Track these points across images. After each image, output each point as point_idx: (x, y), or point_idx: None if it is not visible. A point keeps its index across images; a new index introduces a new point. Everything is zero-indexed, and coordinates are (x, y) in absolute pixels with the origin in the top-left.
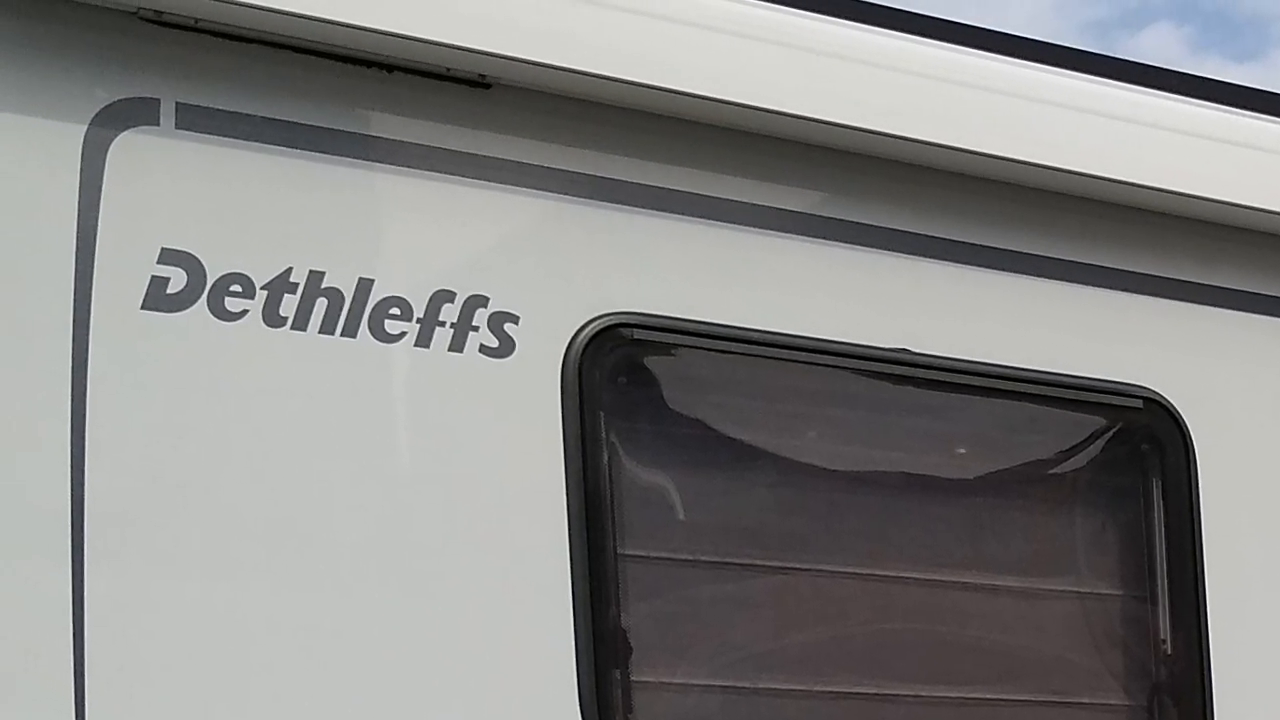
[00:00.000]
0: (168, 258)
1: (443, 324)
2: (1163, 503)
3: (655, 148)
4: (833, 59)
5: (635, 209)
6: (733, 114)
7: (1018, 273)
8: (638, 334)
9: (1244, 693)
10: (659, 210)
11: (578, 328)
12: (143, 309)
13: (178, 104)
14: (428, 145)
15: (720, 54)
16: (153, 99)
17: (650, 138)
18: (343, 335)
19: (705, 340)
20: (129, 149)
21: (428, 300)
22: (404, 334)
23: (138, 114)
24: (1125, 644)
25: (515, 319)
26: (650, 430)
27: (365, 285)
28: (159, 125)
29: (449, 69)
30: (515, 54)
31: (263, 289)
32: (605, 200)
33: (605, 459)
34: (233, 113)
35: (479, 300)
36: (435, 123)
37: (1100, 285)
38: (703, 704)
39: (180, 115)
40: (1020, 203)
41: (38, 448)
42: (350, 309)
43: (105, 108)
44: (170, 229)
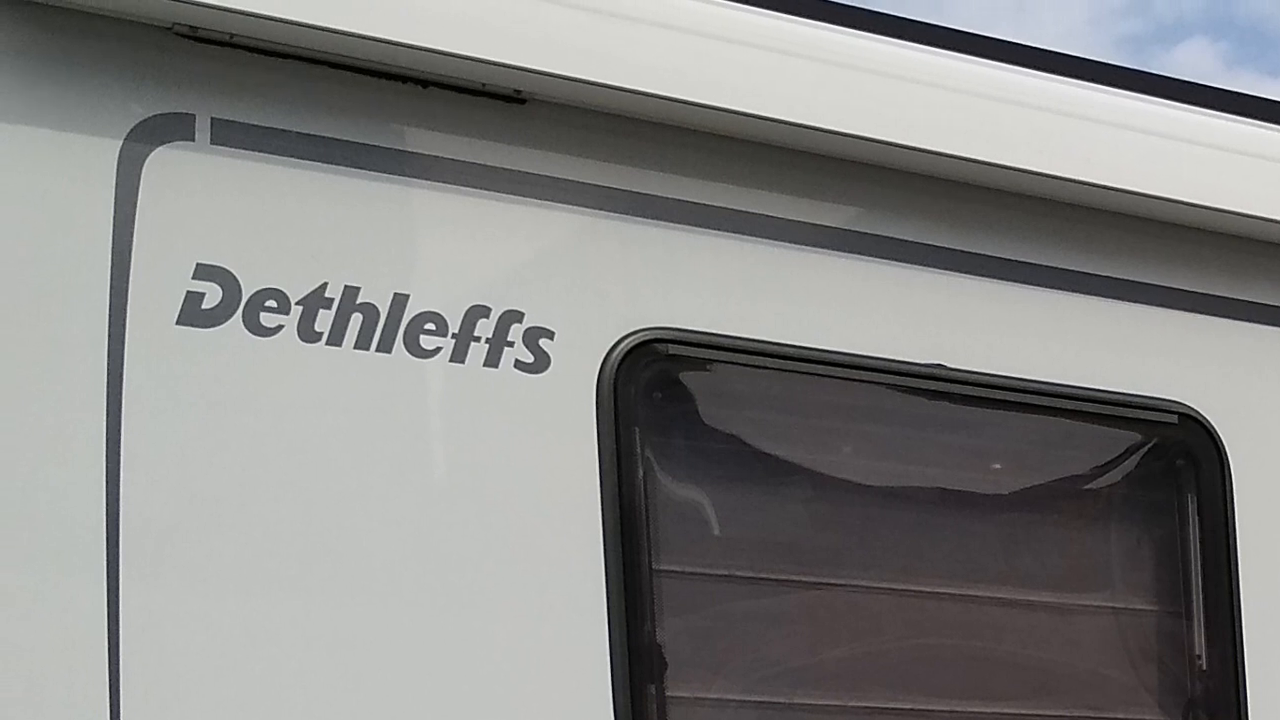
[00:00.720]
0: (203, 273)
1: (478, 339)
2: (1198, 518)
3: (690, 163)
4: (868, 74)
5: (670, 224)
6: (768, 129)
7: (1053, 288)
8: (673, 349)
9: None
10: (694, 225)
11: (613, 343)
12: (178, 324)
13: (213, 119)
14: (463, 160)
15: (756, 69)
16: (188, 114)
17: (685, 153)
18: (378, 351)
19: (740, 355)
20: (164, 164)
21: (463, 316)
22: (439, 349)
23: (173, 129)
24: (1160, 659)
25: (550, 334)
26: (685, 445)
27: (400, 301)
28: (194, 140)
29: (484, 84)
30: (550, 69)
31: (298, 304)
32: (640, 215)
33: (640, 474)
34: (268, 128)
35: (514, 315)
36: (470, 138)
37: (1136, 300)
38: (738, 719)
39: (215, 130)
40: (1055, 218)
41: (73, 462)
42: (385, 324)
43: (140, 123)
44: (205, 244)
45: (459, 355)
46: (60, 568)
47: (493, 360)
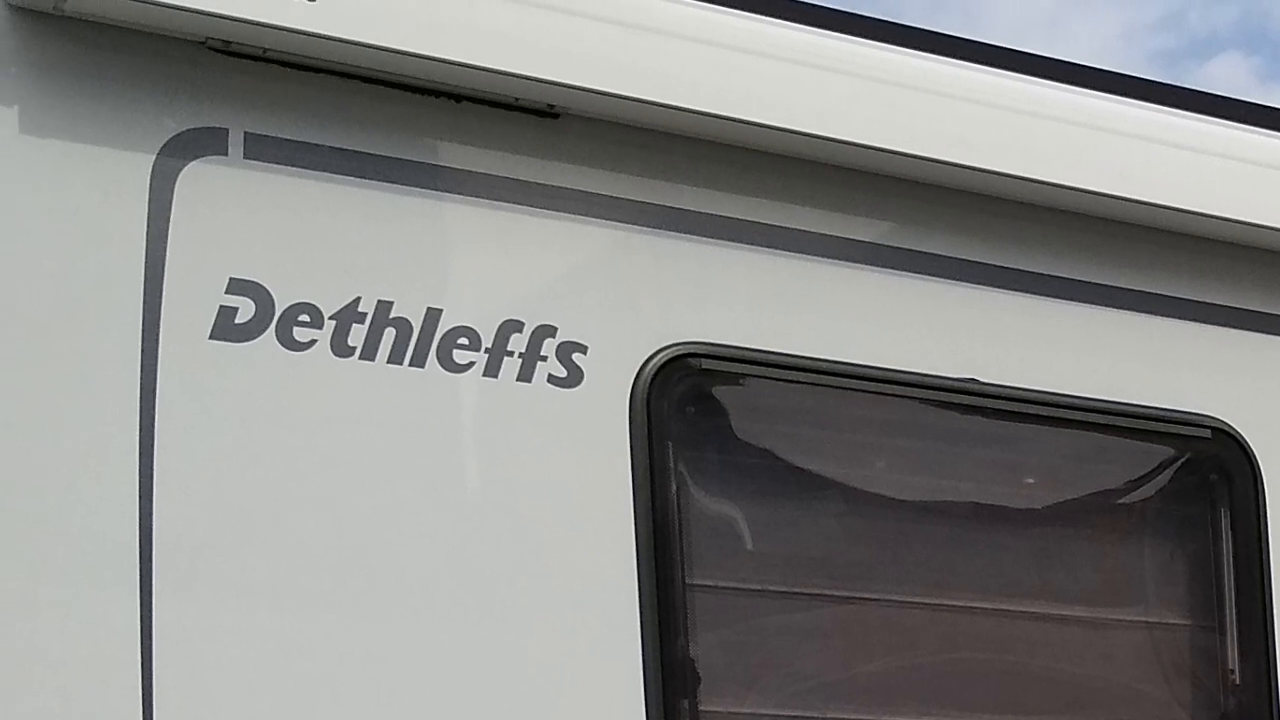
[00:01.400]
0: (236, 287)
1: (511, 354)
2: (1231, 532)
3: (723, 177)
4: (901, 89)
5: (703, 239)
6: (802, 144)
7: (1086, 303)
8: (706, 364)
9: None
10: (727, 240)
11: (646, 357)
12: (211, 339)
13: (246, 134)
14: (496, 175)
15: (789, 84)
16: (221, 129)
17: (718, 167)
18: (411, 365)
19: (773, 370)
20: (197, 179)
21: (496, 330)
22: (472, 364)
23: (206, 144)
24: (1193, 674)
25: (583, 349)
26: (718, 460)
27: (434, 315)
28: (227, 155)
29: (517, 99)
30: (583, 84)
31: (331, 319)
32: (673, 230)
33: (673, 489)
34: (301, 142)
35: (547, 330)
36: (503, 153)
37: (1169, 315)
38: None
39: (248, 145)
40: (1088, 232)
41: (107, 477)
42: (418, 339)
43: (174, 137)
44: (238, 259)
45: (492, 370)
46: (93, 582)
47: (526, 375)
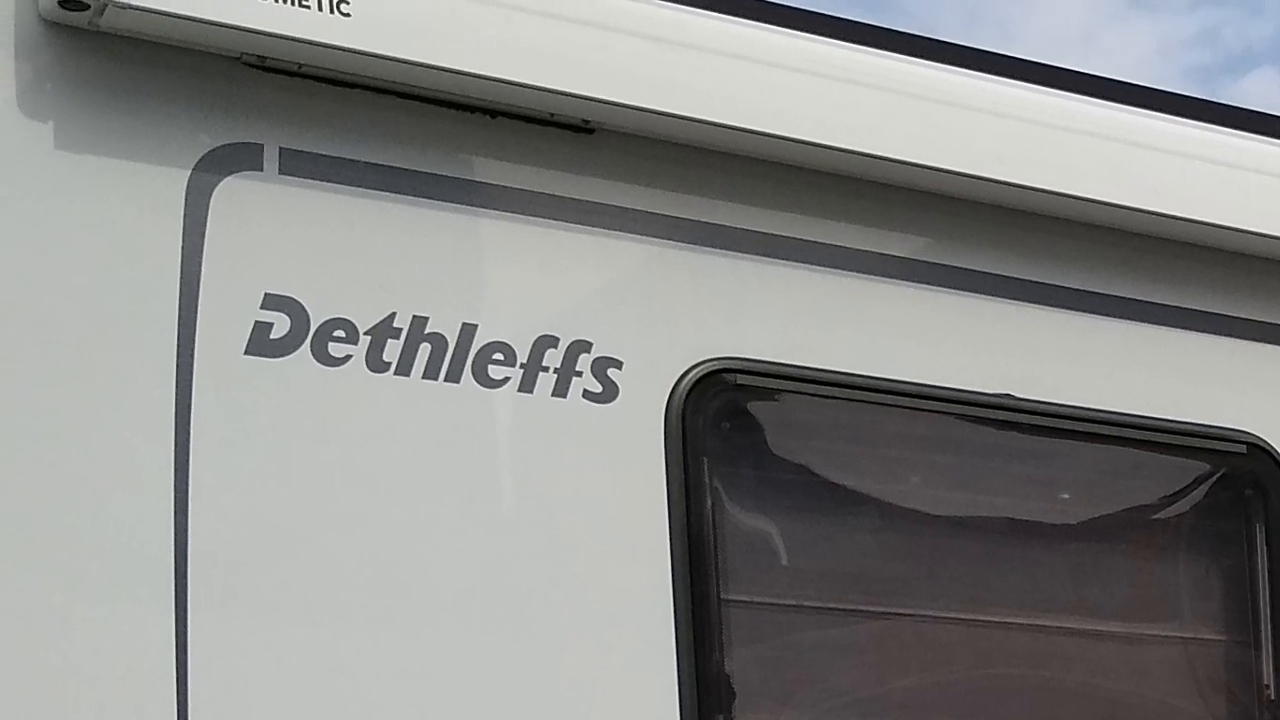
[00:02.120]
0: (271, 303)
1: (546, 369)
2: (1266, 547)
3: (758, 193)
4: (936, 104)
5: (738, 254)
6: (836, 159)
7: (1121, 318)
8: (741, 379)
9: None
10: (762, 255)
11: (681, 373)
12: (246, 354)
13: (281, 149)
14: (531, 190)
15: (824, 99)
16: (256, 144)
17: (753, 182)
18: (446, 380)
19: (808, 385)
20: (233, 194)
21: (531, 345)
22: (507, 379)
23: (241, 159)
24: (1229, 689)
25: (619, 364)
26: (753, 475)
27: (469, 331)
28: (262, 170)
29: (552, 114)
30: (618, 99)
31: (366, 334)
32: (708, 245)
33: (709, 504)
34: (336, 158)
35: (582, 345)
36: (538, 168)
37: (1204, 330)
38: None
39: (284, 160)
40: (1123, 248)
41: (141, 492)
42: (454, 354)
43: (209, 153)
44: (274, 274)
45: (527, 385)
46: (129, 598)
47: (561, 390)
